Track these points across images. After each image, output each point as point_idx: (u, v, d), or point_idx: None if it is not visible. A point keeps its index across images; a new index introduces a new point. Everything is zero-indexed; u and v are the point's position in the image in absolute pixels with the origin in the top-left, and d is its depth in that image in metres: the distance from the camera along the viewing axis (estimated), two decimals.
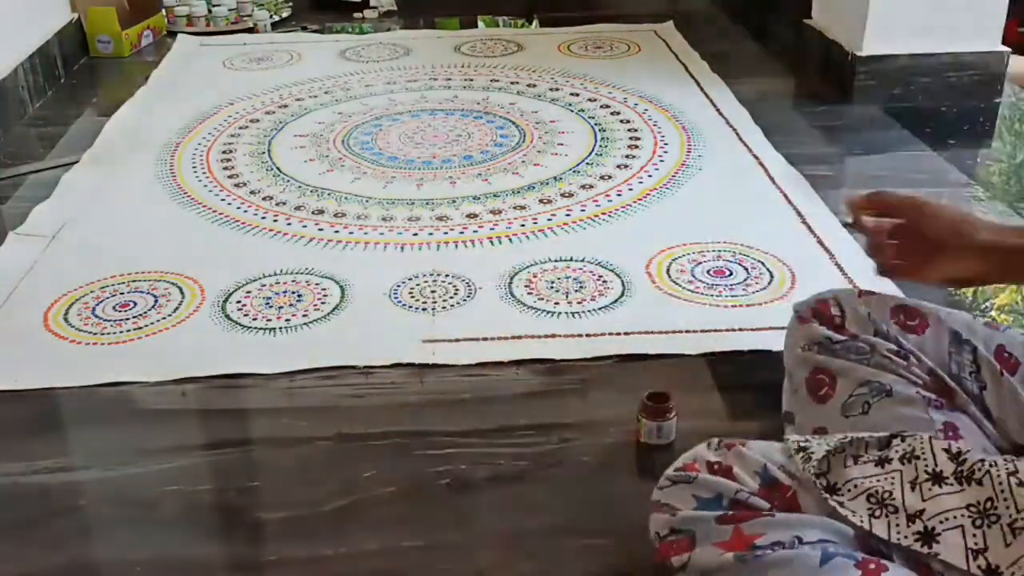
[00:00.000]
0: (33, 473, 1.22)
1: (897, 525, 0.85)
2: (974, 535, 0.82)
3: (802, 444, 0.94)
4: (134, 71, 2.74)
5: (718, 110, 2.32)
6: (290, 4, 3.27)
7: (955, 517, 0.84)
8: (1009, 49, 2.39)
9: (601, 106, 2.37)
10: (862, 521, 0.86)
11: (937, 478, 0.86)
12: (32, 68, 2.47)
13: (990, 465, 0.85)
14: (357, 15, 3.23)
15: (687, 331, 1.45)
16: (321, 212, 1.86)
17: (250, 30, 3.08)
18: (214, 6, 3.12)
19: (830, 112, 2.34)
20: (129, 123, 2.31)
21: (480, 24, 3.14)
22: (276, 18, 3.17)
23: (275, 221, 1.83)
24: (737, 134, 2.18)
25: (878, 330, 1.09)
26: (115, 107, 2.41)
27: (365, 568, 1.06)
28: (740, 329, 1.45)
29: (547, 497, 1.16)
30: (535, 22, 3.13)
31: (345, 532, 1.11)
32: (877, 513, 0.86)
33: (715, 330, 1.46)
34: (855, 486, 0.88)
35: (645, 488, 1.11)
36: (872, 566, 0.81)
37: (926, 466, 0.87)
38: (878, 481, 0.88)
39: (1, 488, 1.19)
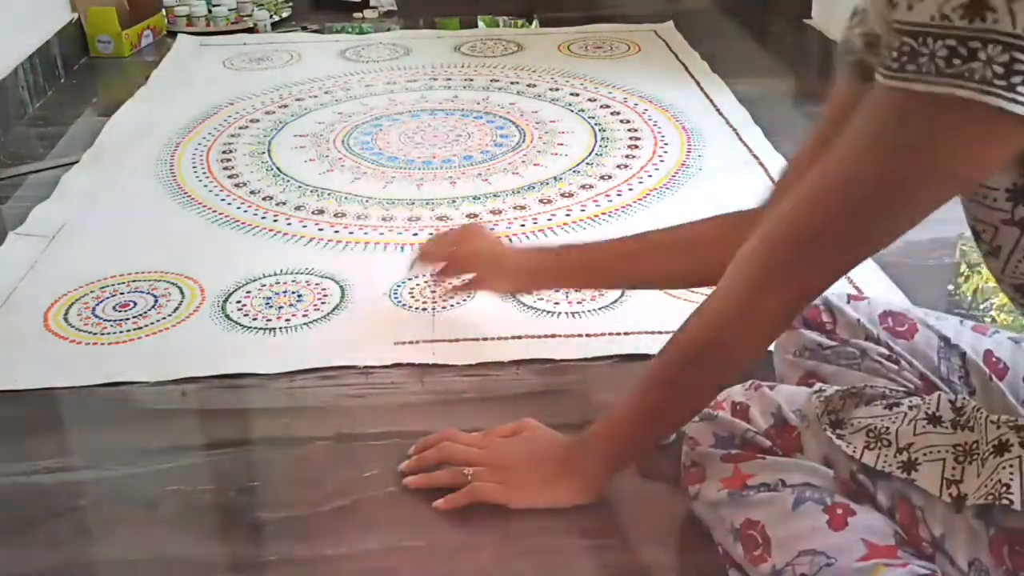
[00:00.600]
0: (33, 473, 1.21)
1: (885, 457, 0.89)
2: (953, 468, 0.86)
3: (823, 388, 1.00)
4: (134, 71, 2.74)
5: (718, 110, 2.32)
6: (290, 4, 3.27)
7: (938, 452, 0.87)
8: None
9: (601, 106, 2.37)
10: (854, 451, 0.91)
11: (933, 419, 0.89)
12: (32, 68, 2.47)
13: (986, 417, 0.87)
14: (357, 15, 3.23)
15: None
16: (321, 212, 1.86)
17: (250, 30, 3.08)
18: (214, 6, 3.13)
19: None
20: (129, 123, 2.31)
21: (480, 24, 3.14)
22: (276, 18, 3.17)
23: (275, 221, 1.83)
24: (737, 134, 2.18)
25: (868, 335, 1.10)
26: (115, 107, 2.41)
27: (365, 568, 1.06)
28: None
29: None
30: (535, 22, 3.13)
31: (345, 532, 1.10)
32: (871, 446, 0.91)
33: None
34: (858, 422, 0.93)
35: (645, 488, 1.15)
36: (839, 511, 0.89)
37: (927, 409, 0.90)
38: (881, 421, 0.92)
39: (1, 488, 1.19)
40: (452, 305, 1.53)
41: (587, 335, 1.46)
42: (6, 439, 1.28)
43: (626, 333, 1.46)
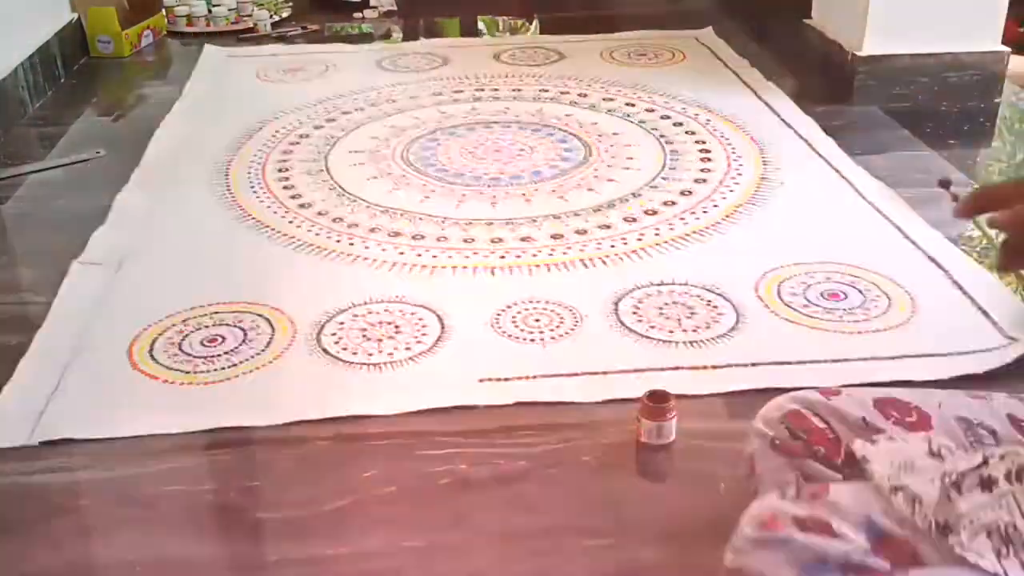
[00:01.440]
0: (33, 473, 1.19)
1: None
2: None
3: (897, 485, 0.82)
4: (134, 71, 2.75)
5: (782, 119, 2.26)
6: (290, 4, 3.24)
7: None
8: (1009, 49, 2.37)
9: (662, 117, 2.30)
10: (994, 566, 0.75)
11: None
12: (32, 68, 2.43)
13: None
14: (357, 15, 3.20)
15: (820, 361, 1.38)
16: (398, 234, 1.78)
17: (250, 30, 3.05)
18: (214, 6, 3.09)
19: (830, 112, 2.31)
20: (172, 140, 2.22)
21: (480, 24, 3.12)
22: (276, 18, 3.14)
23: (351, 244, 1.75)
24: (810, 145, 2.11)
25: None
26: (115, 107, 2.44)
27: (365, 568, 1.05)
28: (874, 358, 1.38)
29: (547, 497, 1.15)
30: (535, 22, 3.09)
31: (345, 532, 1.10)
32: (1004, 551, 0.75)
33: (844, 360, 1.39)
34: (970, 522, 0.77)
35: (645, 488, 1.16)
36: None
37: None
38: (993, 511, 0.77)
39: (1, 488, 1.17)
40: (561, 335, 1.45)
41: (712, 367, 1.39)
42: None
43: (753, 364, 1.39)
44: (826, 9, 2.60)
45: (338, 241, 1.76)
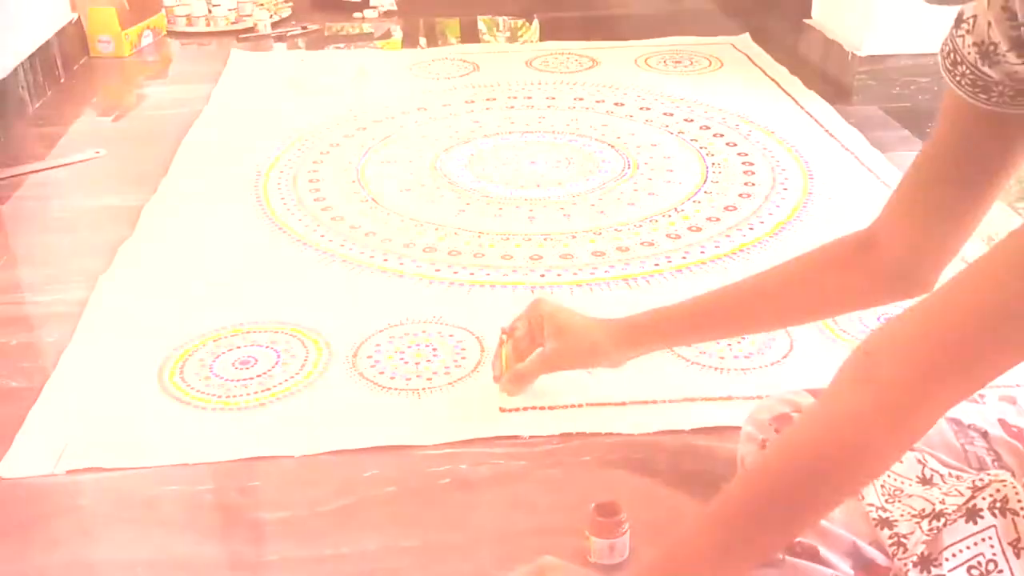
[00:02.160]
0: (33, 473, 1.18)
1: None
2: None
3: (882, 515, 0.82)
4: (134, 71, 2.76)
5: (826, 130, 2.19)
6: (290, 4, 3.24)
7: None
8: None
9: (701, 127, 2.23)
10: None
11: None
12: (32, 68, 2.43)
13: None
14: (357, 15, 3.20)
15: None
16: (434, 250, 1.72)
17: (249, 30, 3.03)
18: (214, 6, 3.08)
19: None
20: (200, 149, 2.17)
21: (480, 24, 3.12)
22: (276, 17, 3.14)
23: (385, 261, 1.69)
24: (856, 158, 2.04)
25: None
26: (115, 107, 2.46)
27: (365, 568, 1.05)
28: None
29: (547, 497, 1.15)
30: (535, 23, 3.09)
31: (345, 532, 1.09)
32: None
33: None
34: (953, 555, 0.77)
35: (645, 488, 1.14)
36: None
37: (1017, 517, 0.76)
38: (976, 545, 0.77)
39: (1, 488, 1.16)
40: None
41: (765, 396, 1.32)
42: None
43: (809, 391, 1.32)
44: (826, 9, 2.60)
45: (371, 257, 1.70)
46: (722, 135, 2.19)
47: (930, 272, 0.99)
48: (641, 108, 2.36)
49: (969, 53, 0.85)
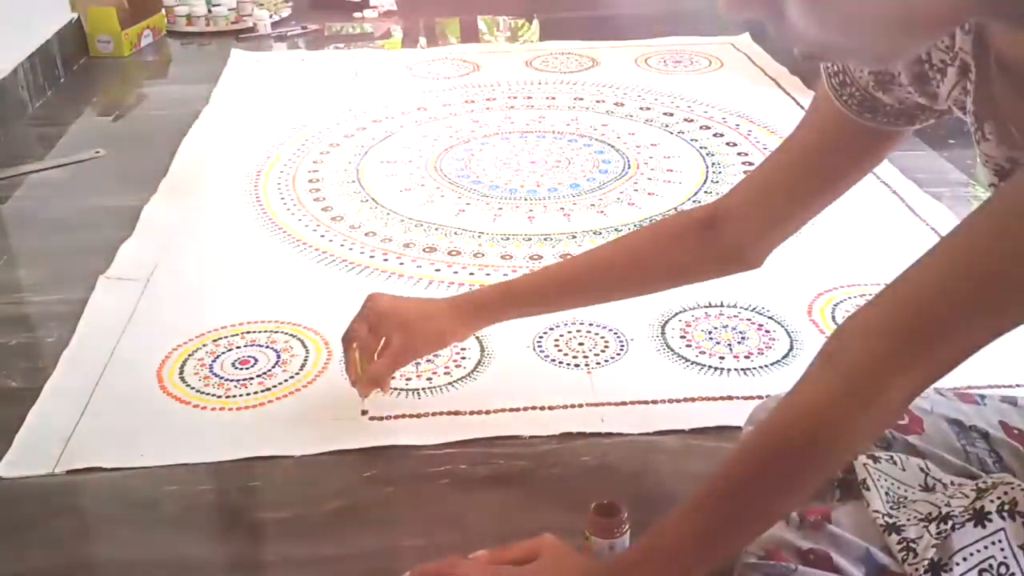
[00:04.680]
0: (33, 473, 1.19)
1: None
2: None
3: (889, 521, 0.82)
4: (134, 71, 2.76)
5: None
6: (290, 4, 3.24)
7: None
8: None
9: (701, 127, 2.23)
10: None
11: None
12: (32, 68, 2.43)
13: None
14: (357, 15, 3.20)
15: None
16: (433, 250, 1.72)
17: (250, 29, 3.04)
18: (214, 6, 3.09)
19: None
20: (200, 149, 2.17)
21: (480, 24, 3.13)
22: (276, 17, 3.14)
23: (385, 260, 1.69)
24: None
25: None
26: (115, 107, 2.46)
27: (365, 568, 1.05)
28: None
29: (547, 497, 1.15)
30: (535, 22, 3.10)
31: (345, 532, 1.10)
32: None
33: None
34: (963, 559, 0.77)
35: (645, 488, 1.15)
36: None
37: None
38: (986, 548, 0.77)
39: (1, 488, 1.17)
40: (607, 360, 1.39)
41: (768, 396, 1.32)
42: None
43: None
44: None
45: (372, 256, 1.70)
46: (722, 135, 2.18)
47: (764, 253, 1.07)
48: (641, 108, 2.35)
49: (862, 78, 0.87)
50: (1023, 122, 0.73)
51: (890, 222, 1.78)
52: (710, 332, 1.46)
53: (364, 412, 1.27)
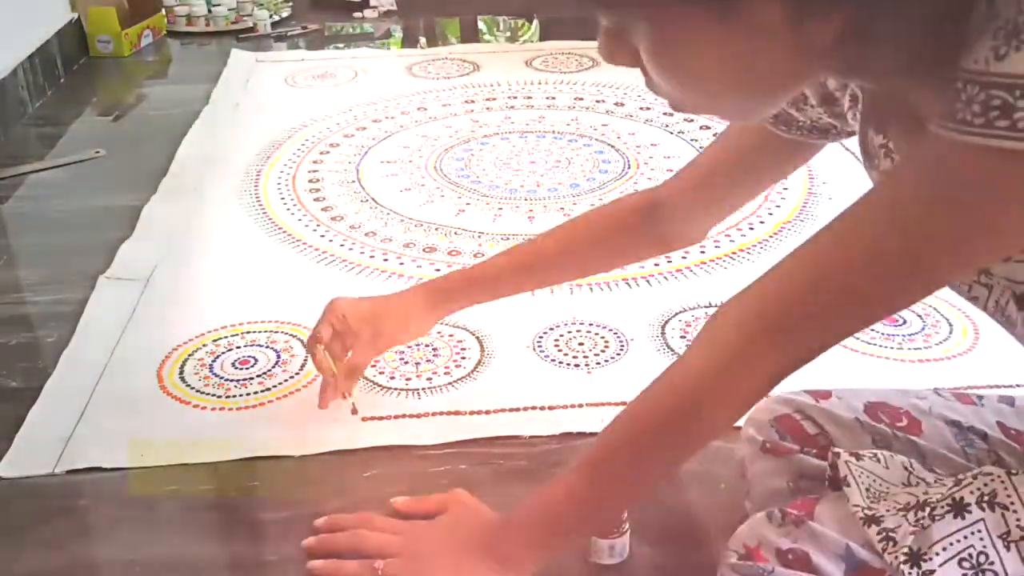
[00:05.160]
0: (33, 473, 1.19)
1: None
2: None
3: (868, 513, 0.81)
4: (134, 71, 2.77)
5: None
6: (290, 4, 3.25)
7: None
8: None
9: (701, 127, 2.23)
10: None
11: None
12: (32, 68, 2.44)
13: None
14: (357, 15, 3.21)
15: None
16: (433, 250, 1.72)
17: (250, 29, 3.05)
18: (214, 6, 3.10)
19: None
20: (200, 149, 2.17)
21: (480, 24, 3.14)
22: (276, 17, 3.15)
23: (385, 260, 1.69)
24: (857, 158, 2.04)
25: (876, 437, 0.95)
26: (115, 107, 2.47)
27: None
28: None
29: None
30: (535, 22, 3.11)
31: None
32: None
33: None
34: (943, 549, 0.76)
35: None
36: None
37: (1018, 520, 0.75)
38: (965, 539, 0.76)
39: (1, 488, 1.17)
40: (606, 361, 1.39)
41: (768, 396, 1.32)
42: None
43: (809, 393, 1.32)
44: None
45: (372, 256, 1.70)
46: None
47: (701, 234, 1.17)
48: (641, 108, 2.36)
49: None
50: (903, 147, 0.78)
51: None
52: None
53: (354, 412, 1.27)
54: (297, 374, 1.38)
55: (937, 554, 0.76)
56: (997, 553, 0.75)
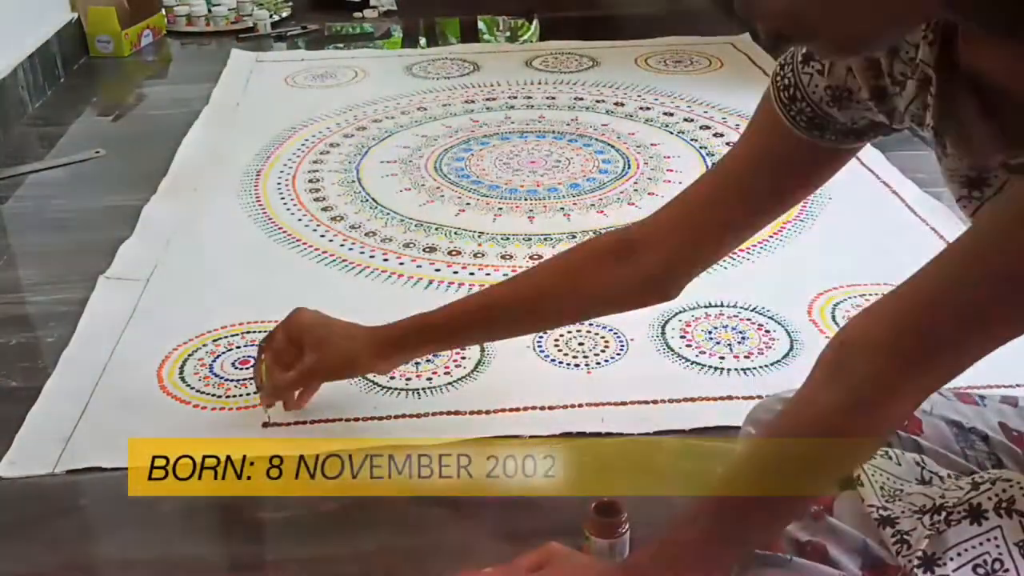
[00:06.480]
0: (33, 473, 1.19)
1: None
2: None
3: (884, 514, 0.81)
4: (134, 71, 2.78)
5: None
6: (289, 4, 3.26)
7: None
8: None
9: (701, 127, 2.23)
10: None
11: None
12: (32, 68, 2.44)
13: None
14: (357, 15, 3.22)
15: None
16: (433, 250, 1.72)
17: (250, 29, 3.05)
18: (214, 6, 3.10)
19: None
20: (200, 149, 2.17)
21: (480, 24, 3.15)
22: (276, 17, 3.15)
23: (385, 260, 1.69)
24: (857, 158, 2.03)
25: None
26: (115, 107, 2.48)
27: (365, 568, 1.05)
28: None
29: (547, 497, 1.14)
30: (535, 22, 3.11)
31: (345, 532, 1.10)
32: None
33: None
34: (958, 554, 0.76)
35: (646, 488, 1.14)
36: None
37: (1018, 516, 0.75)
38: (980, 545, 0.76)
39: (1, 488, 1.17)
40: (606, 360, 1.39)
41: (766, 395, 1.32)
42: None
43: None
44: None
45: (371, 256, 1.70)
46: (722, 135, 2.18)
47: (681, 284, 1.05)
48: (641, 108, 2.36)
49: (815, 92, 0.86)
50: (985, 136, 0.73)
51: (890, 222, 1.78)
52: (710, 332, 1.46)
53: (266, 424, 1.25)
54: None
55: (951, 559, 0.76)
56: (1013, 561, 0.74)
